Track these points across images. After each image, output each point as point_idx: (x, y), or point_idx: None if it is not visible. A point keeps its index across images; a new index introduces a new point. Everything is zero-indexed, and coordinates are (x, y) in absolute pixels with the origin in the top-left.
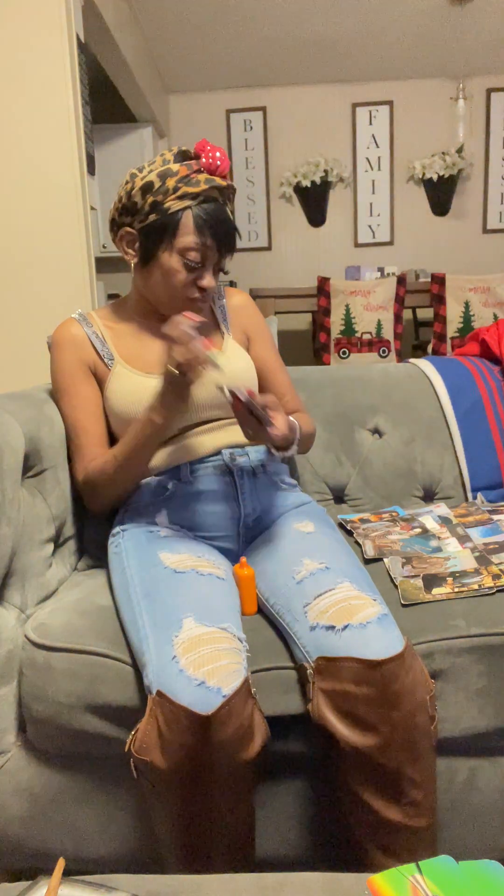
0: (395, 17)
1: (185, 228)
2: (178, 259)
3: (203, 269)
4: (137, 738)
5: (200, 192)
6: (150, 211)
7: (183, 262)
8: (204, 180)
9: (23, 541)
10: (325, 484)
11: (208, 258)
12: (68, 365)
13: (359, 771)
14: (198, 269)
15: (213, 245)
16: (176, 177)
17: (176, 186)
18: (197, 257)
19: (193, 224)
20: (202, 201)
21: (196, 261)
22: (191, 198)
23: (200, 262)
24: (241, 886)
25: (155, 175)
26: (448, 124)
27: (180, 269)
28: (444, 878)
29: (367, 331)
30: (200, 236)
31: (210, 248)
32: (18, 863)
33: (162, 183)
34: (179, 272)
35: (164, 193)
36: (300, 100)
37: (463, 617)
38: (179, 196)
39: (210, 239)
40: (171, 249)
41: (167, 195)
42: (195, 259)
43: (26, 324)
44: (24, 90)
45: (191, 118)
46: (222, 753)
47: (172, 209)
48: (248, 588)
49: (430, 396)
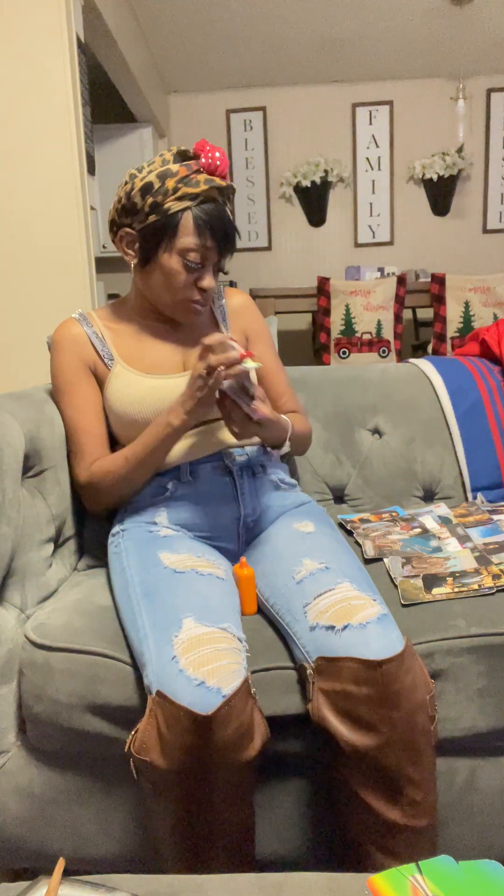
0: (395, 17)
1: (185, 229)
2: (179, 260)
3: (203, 270)
4: (137, 738)
5: (200, 193)
6: (149, 212)
7: (183, 263)
8: (203, 181)
9: (23, 541)
10: (325, 484)
11: (208, 259)
12: (68, 365)
13: (359, 771)
14: (198, 270)
15: (214, 246)
16: (175, 177)
17: (176, 187)
18: (197, 258)
19: (193, 225)
20: (202, 202)
21: (196, 261)
22: (190, 198)
23: (200, 262)
24: (241, 886)
25: (154, 176)
26: (448, 124)
27: (180, 269)
28: (444, 878)
29: (367, 331)
30: (200, 237)
31: (210, 248)
32: (18, 863)
33: (161, 184)
34: (180, 273)
35: (163, 194)
36: (300, 100)
37: (463, 617)
38: (179, 197)
39: (210, 240)
40: (171, 250)
41: (167, 196)
42: (195, 260)
43: (26, 324)
44: (24, 90)
45: (191, 118)
46: (222, 753)
47: (172, 210)
48: (248, 588)
49: (430, 396)
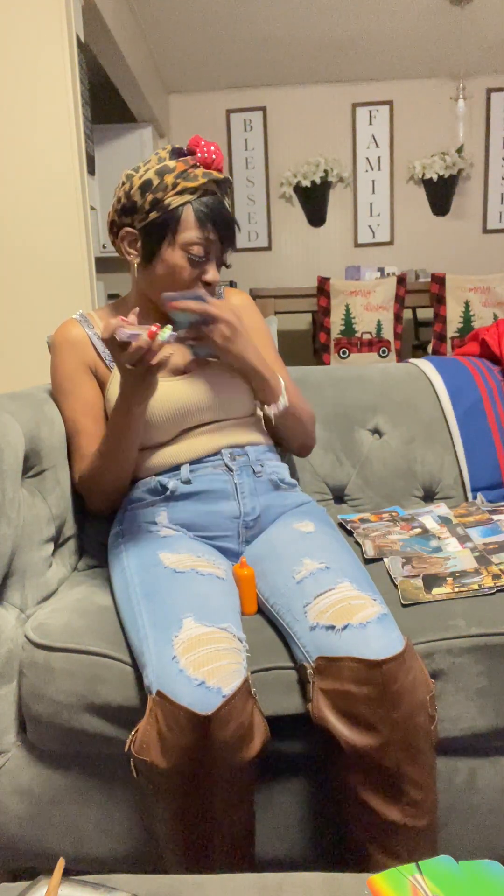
0: (395, 17)
1: (187, 223)
2: (182, 254)
3: (206, 263)
4: (137, 738)
5: (199, 186)
6: (150, 209)
7: (187, 258)
8: (201, 174)
9: (23, 541)
10: (325, 484)
11: (211, 251)
12: (69, 366)
13: (359, 771)
14: (201, 264)
15: (216, 238)
16: (173, 173)
17: (175, 182)
18: (200, 251)
19: (195, 218)
20: (201, 195)
21: (199, 255)
22: (190, 192)
23: (204, 255)
24: (241, 886)
25: (153, 173)
26: (448, 124)
27: (184, 264)
28: (444, 878)
29: (367, 331)
30: (202, 230)
31: (212, 241)
32: (18, 863)
33: (160, 180)
34: (184, 268)
35: (163, 190)
36: (300, 100)
37: (463, 617)
38: (179, 191)
39: (212, 232)
40: (173, 245)
41: (166, 191)
42: (199, 253)
43: (26, 324)
44: (24, 90)
45: (191, 118)
46: (222, 753)
47: (173, 205)
48: (248, 588)
49: (430, 396)
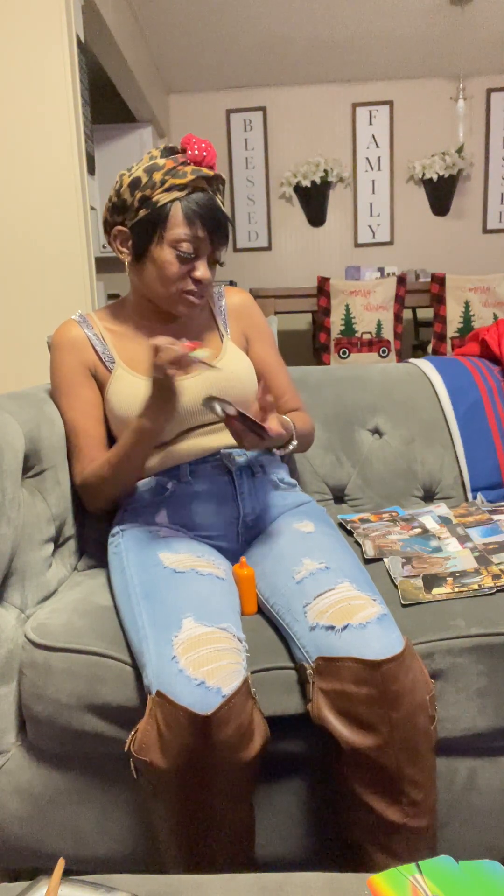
0: (395, 17)
1: (175, 220)
2: (171, 251)
3: (196, 261)
4: (137, 738)
5: (188, 184)
6: (139, 206)
7: (175, 254)
8: (190, 171)
9: (23, 541)
10: (325, 484)
11: (201, 249)
12: (68, 367)
13: (359, 771)
14: (191, 261)
15: (205, 235)
16: (162, 170)
17: (163, 179)
18: (189, 248)
19: (182, 215)
20: (190, 192)
21: (188, 252)
22: (178, 189)
23: (193, 252)
24: (241, 886)
25: (142, 171)
26: (448, 124)
27: (173, 261)
28: (444, 878)
29: (367, 331)
30: (191, 227)
31: (202, 238)
32: (18, 863)
33: (149, 177)
34: (172, 264)
35: (151, 187)
36: (300, 100)
37: (463, 617)
38: (167, 189)
39: (201, 229)
40: (162, 242)
41: (154, 189)
42: (187, 250)
43: (26, 324)
44: (24, 90)
45: (191, 118)
46: (222, 753)
47: (161, 202)
48: (247, 588)
49: (430, 396)
